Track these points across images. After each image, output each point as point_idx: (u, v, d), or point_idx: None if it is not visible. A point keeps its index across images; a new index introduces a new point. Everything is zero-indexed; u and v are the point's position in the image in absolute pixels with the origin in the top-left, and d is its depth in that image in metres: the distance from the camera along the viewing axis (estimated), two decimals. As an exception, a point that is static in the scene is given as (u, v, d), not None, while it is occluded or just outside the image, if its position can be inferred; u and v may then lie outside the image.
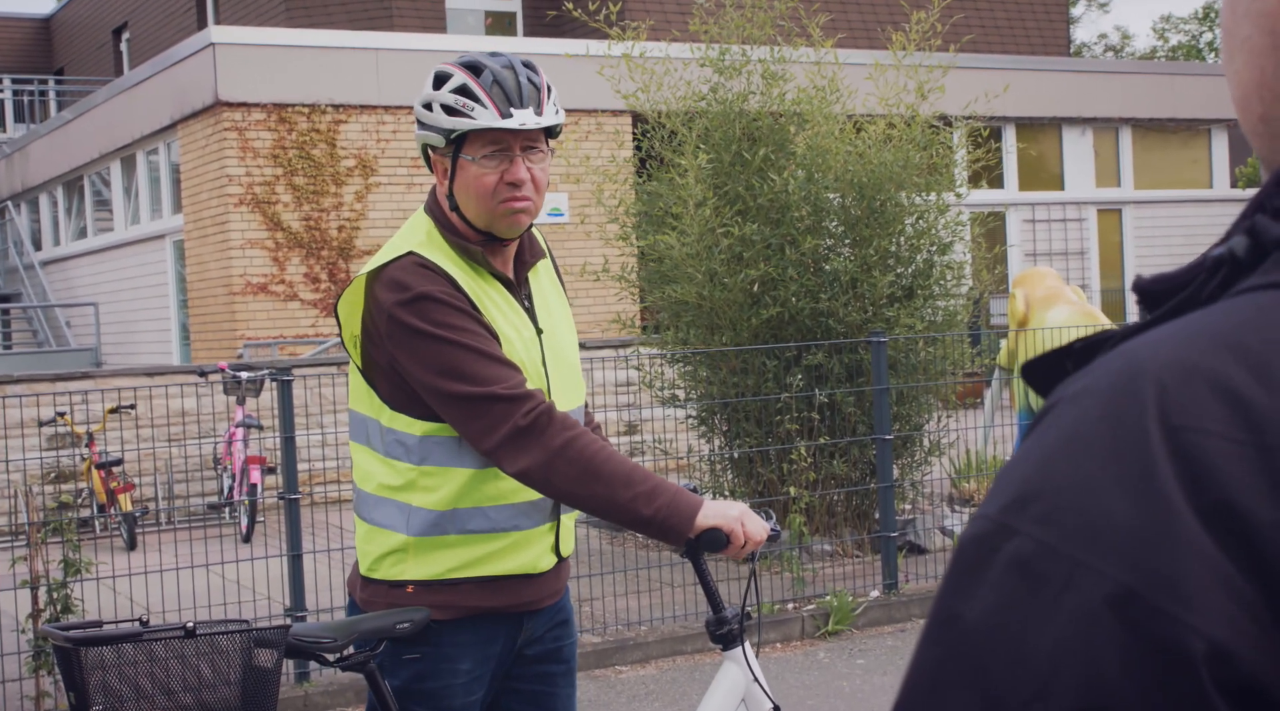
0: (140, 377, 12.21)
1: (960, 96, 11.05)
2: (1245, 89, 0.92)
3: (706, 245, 9.23)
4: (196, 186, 16.04)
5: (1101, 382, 0.81)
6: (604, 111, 15.69)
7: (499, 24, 21.94)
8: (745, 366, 9.32)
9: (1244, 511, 0.74)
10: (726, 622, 3.64)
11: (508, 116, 3.04)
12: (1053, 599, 0.75)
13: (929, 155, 9.75)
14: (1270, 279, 0.83)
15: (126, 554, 10.44)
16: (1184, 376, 0.78)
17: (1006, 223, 19.77)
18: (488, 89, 3.06)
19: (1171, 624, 0.73)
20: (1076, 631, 0.74)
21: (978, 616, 0.78)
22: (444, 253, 3.11)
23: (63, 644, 3.13)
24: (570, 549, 3.32)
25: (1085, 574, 0.75)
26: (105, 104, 18.84)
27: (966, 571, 0.80)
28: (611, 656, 7.71)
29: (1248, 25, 0.90)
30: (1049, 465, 0.79)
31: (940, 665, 0.79)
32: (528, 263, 3.25)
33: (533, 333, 3.19)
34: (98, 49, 30.25)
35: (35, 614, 6.84)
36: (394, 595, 3.18)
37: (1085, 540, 0.75)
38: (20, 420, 11.17)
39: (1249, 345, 0.78)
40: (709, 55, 9.87)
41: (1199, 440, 0.76)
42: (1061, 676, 0.74)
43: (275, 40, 15.83)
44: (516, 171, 3.06)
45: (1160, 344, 0.81)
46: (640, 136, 10.16)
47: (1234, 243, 0.86)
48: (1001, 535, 0.78)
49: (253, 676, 3.22)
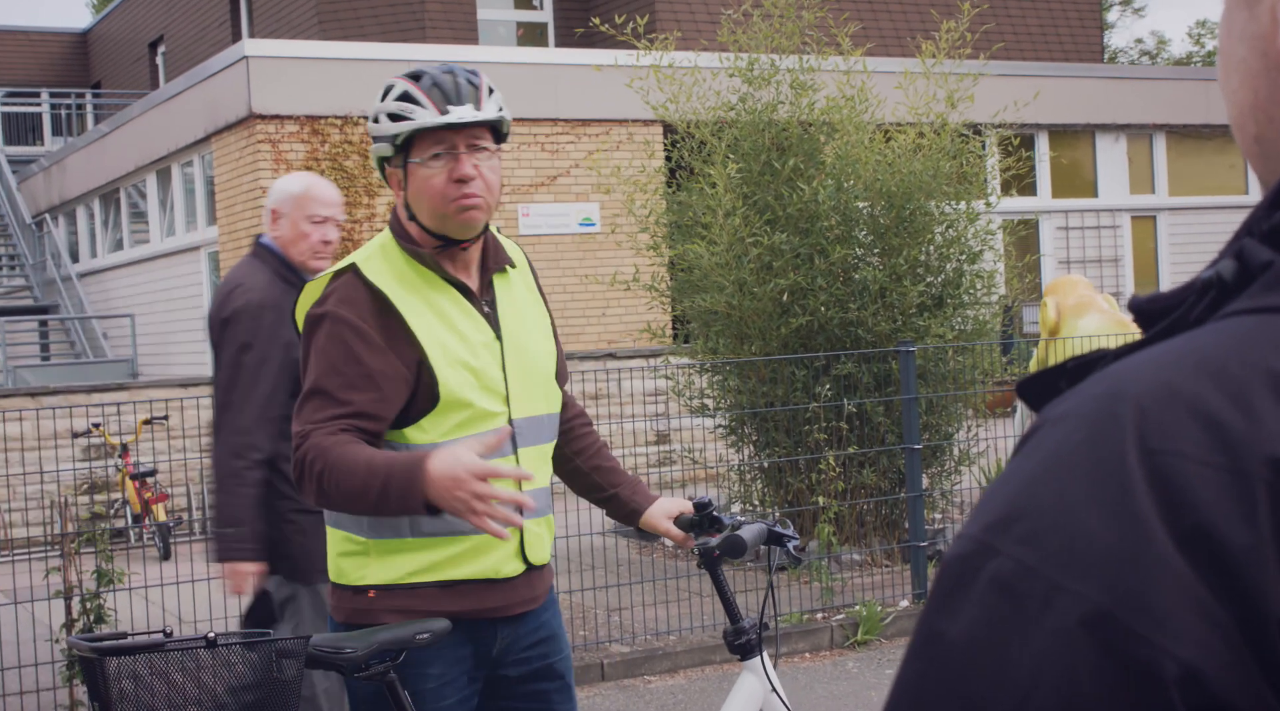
0: (174, 389, 12.29)
1: (991, 104, 11.03)
2: (1240, 110, 0.93)
3: (736, 255, 9.25)
4: (231, 198, 16.14)
5: (1085, 405, 0.82)
6: (635, 121, 15.73)
7: (531, 35, 22.01)
8: (774, 376, 9.32)
9: (1218, 535, 0.75)
10: (744, 633, 3.65)
11: (445, 113, 3.10)
12: (1032, 619, 0.76)
13: (959, 164, 9.73)
14: (1255, 303, 0.84)
15: (156, 564, 10.51)
16: (1164, 401, 0.79)
17: (1039, 230, 19.69)
18: (426, 91, 3.12)
19: (1145, 645, 0.74)
20: (1054, 651, 0.75)
21: (959, 634, 0.79)
22: (394, 263, 3.18)
23: (87, 654, 3.17)
24: (543, 557, 3.28)
25: (1063, 595, 0.76)
26: (141, 117, 18.98)
27: (950, 590, 0.81)
28: (640, 666, 7.71)
29: (1242, 48, 0.91)
30: (1031, 487, 0.81)
31: (923, 681, 0.81)
32: (491, 269, 3.27)
33: (490, 338, 3.20)
34: (134, 62, 30.47)
35: (69, 624, 6.90)
36: (357, 600, 3.21)
37: (1064, 561, 0.77)
38: (52, 431, 11.25)
39: (1229, 370, 0.79)
40: (738, 65, 9.88)
41: (1176, 464, 0.77)
42: (1038, 695, 0.75)
43: (308, 53, 15.92)
44: (462, 168, 3.12)
45: (1142, 367, 0.82)
46: (670, 147, 10.18)
47: (1222, 266, 0.87)
48: (984, 555, 0.80)
49: (274, 687, 3.24)
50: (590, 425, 3.62)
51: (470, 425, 3.12)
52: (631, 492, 3.56)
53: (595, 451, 3.58)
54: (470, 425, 3.12)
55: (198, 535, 11.77)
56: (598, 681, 7.57)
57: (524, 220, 16.15)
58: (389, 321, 3.11)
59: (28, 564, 9.07)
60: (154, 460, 11.03)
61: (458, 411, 3.12)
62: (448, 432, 3.11)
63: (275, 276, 4.72)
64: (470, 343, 3.17)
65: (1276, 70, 0.89)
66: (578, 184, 15.98)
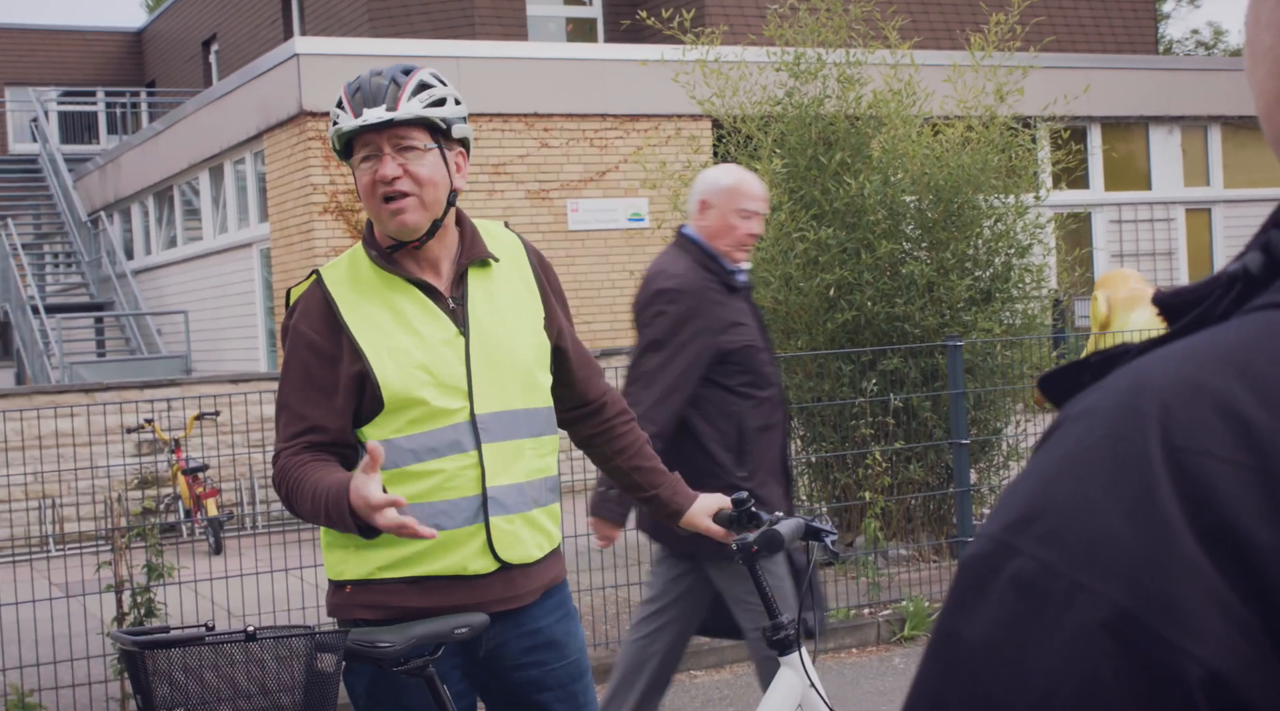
0: (225, 384, 12.40)
1: (1042, 97, 10.95)
2: (1269, 100, 0.91)
3: (782, 249, 9.23)
4: (282, 195, 16.26)
5: (1107, 401, 0.81)
6: (683, 116, 15.71)
7: (580, 30, 22.04)
8: (820, 371, 9.30)
9: (1244, 534, 0.73)
10: (782, 628, 3.66)
11: (359, 116, 3.16)
12: (1052, 619, 0.75)
13: (1007, 157, 9.67)
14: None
15: (214, 558, 10.60)
16: (1188, 397, 0.77)
17: (1092, 223, 19.55)
18: (350, 96, 3.20)
19: (1167, 648, 0.72)
20: (1074, 652, 0.74)
21: (978, 634, 0.78)
22: (358, 269, 3.28)
23: (128, 647, 3.21)
24: (520, 556, 3.26)
25: (1084, 595, 0.75)
26: (194, 115, 19.13)
27: (969, 589, 0.80)
28: (686, 661, 7.70)
29: (1270, 36, 0.90)
30: (1052, 484, 0.79)
31: (942, 682, 0.79)
32: (463, 263, 3.30)
33: (452, 335, 3.23)
34: (187, 61, 30.72)
35: (120, 617, 6.98)
36: (338, 595, 3.31)
37: (1085, 561, 0.75)
38: (104, 427, 11.37)
39: (1256, 366, 0.77)
40: (784, 60, 9.86)
41: (1201, 462, 0.75)
42: (1058, 697, 0.74)
43: (358, 50, 16.01)
44: (382, 168, 3.17)
45: (1167, 362, 0.80)
46: (718, 141, 10.17)
47: (1248, 259, 0.85)
48: (1004, 554, 0.79)
49: (315, 680, 3.27)
50: (632, 423, 3.61)
51: (425, 422, 3.18)
52: (672, 493, 3.56)
53: (636, 450, 3.57)
54: (425, 422, 3.18)
55: (250, 530, 11.86)
56: (643, 676, 7.57)
57: (573, 215, 16.18)
58: (337, 331, 3.21)
59: (78, 558, 9.17)
60: (203, 455, 11.13)
61: (409, 409, 3.17)
62: (401, 429, 3.18)
63: (696, 264, 4.90)
64: (427, 341, 3.21)
65: None
66: (626, 179, 15.99)
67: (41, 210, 24.90)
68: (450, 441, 3.17)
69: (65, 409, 10.57)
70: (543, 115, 16.07)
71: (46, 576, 8.98)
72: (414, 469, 3.17)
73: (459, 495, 3.17)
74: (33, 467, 10.90)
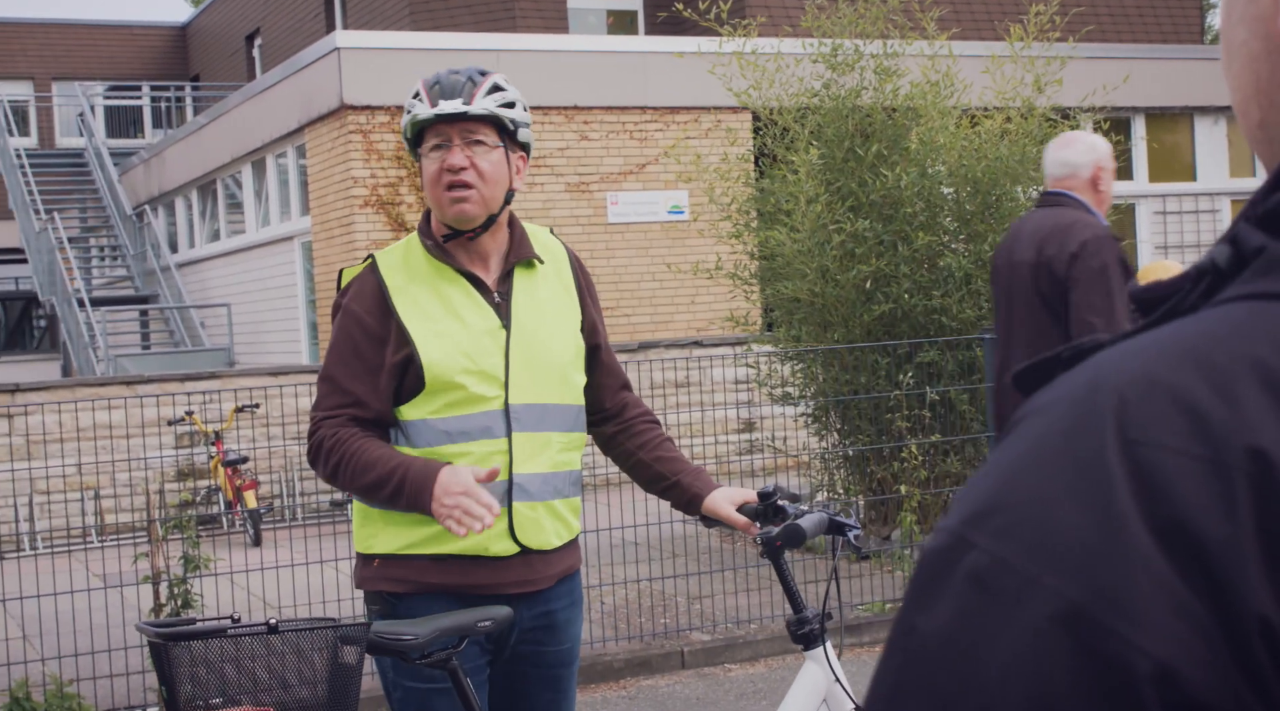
0: (265, 377, 12.47)
1: (1083, 88, 10.87)
2: (1244, 94, 0.90)
3: (818, 242, 9.20)
4: (323, 188, 16.32)
5: (1066, 396, 0.80)
6: (724, 109, 15.68)
7: (620, 23, 22.02)
8: (857, 363, 9.27)
9: (1197, 529, 0.72)
10: (807, 622, 3.64)
11: (436, 106, 3.34)
12: (1006, 614, 0.75)
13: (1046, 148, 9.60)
14: (1247, 290, 0.81)
15: (252, 550, 10.67)
16: (1145, 390, 0.77)
17: (1136, 215, 19.41)
18: (428, 88, 3.38)
19: (1118, 642, 0.72)
20: (1027, 647, 0.73)
21: (934, 629, 0.77)
22: (412, 257, 3.44)
23: (153, 639, 3.23)
24: (539, 542, 3.41)
25: (1037, 590, 0.74)
26: (237, 109, 19.23)
27: (926, 583, 0.79)
28: (721, 654, 7.71)
29: (1243, 30, 0.89)
30: (1010, 479, 0.79)
31: (898, 676, 0.79)
32: (511, 261, 3.46)
33: (495, 326, 3.39)
34: (231, 55, 30.88)
35: (156, 608, 7.03)
36: (366, 568, 3.45)
37: (1040, 555, 0.75)
38: (142, 420, 11.46)
39: (1214, 359, 0.77)
40: (821, 51, 9.82)
41: (1156, 456, 0.74)
42: (1010, 692, 0.73)
43: (398, 43, 16.05)
44: (452, 157, 3.35)
45: (1126, 356, 0.80)
46: (755, 133, 10.15)
47: (1216, 251, 0.84)
48: (961, 548, 0.78)
49: (338, 673, 3.28)
50: (654, 423, 3.71)
51: (460, 406, 3.34)
52: (693, 481, 3.58)
53: (657, 444, 3.65)
54: (460, 406, 3.34)
55: (289, 521, 11.93)
56: (678, 669, 7.59)
57: (612, 208, 16.18)
58: (387, 313, 3.37)
59: (116, 550, 9.25)
60: (240, 448, 11.20)
61: (447, 392, 3.33)
62: (437, 410, 3.34)
63: (1087, 213, 5.72)
64: (471, 329, 3.37)
65: (1278, 53, 0.87)
66: (666, 171, 15.98)
67: (88, 204, 25.09)
68: (483, 426, 3.33)
69: (108, 401, 10.66)
70: (583, 108, 16.07)
71: (87, 568, 9.05)
72: (445, 449, 3.32)
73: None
74: (76, 459, 11.00)
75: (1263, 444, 0.73)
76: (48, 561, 9.17)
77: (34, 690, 6.79)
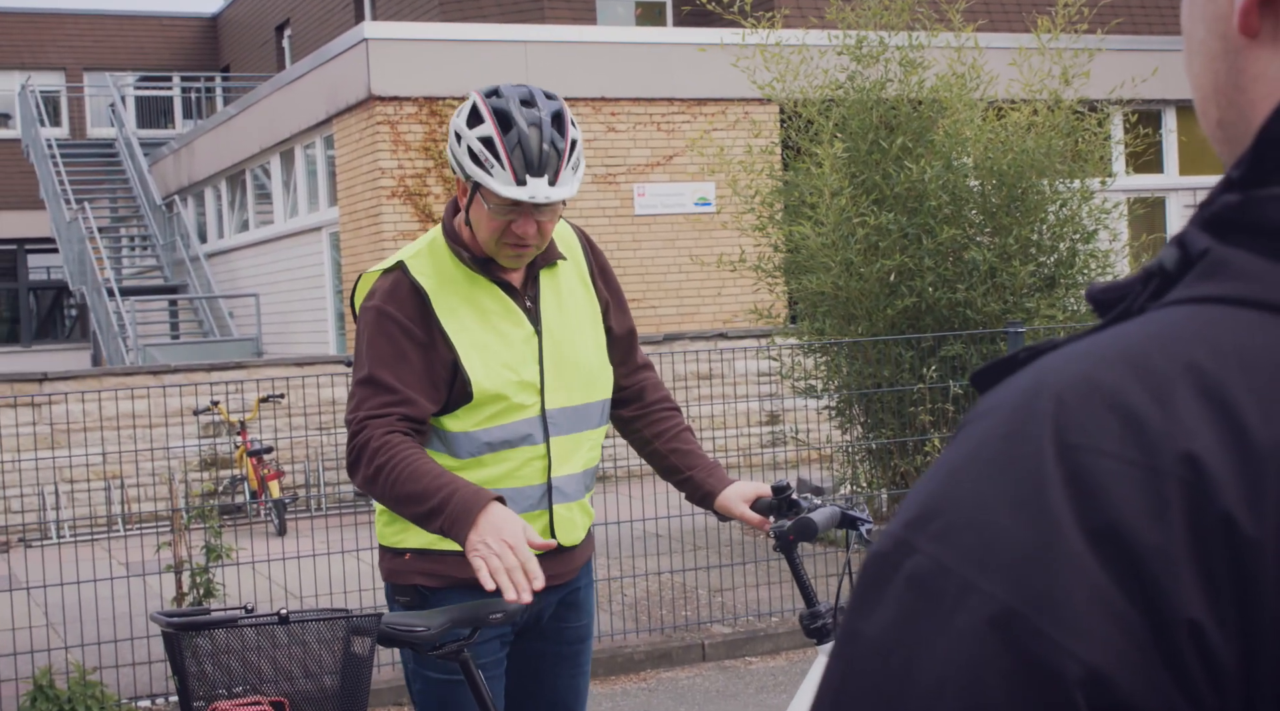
0: (290, 367, 12.51)
1: (1112, 80, 10.81)
2: (1203, 93, 0.90)
3: (842, 235, 9.17)
4: (351, 179, 16.36)
5: (1009, 399, 0.80)
6: (750, 101, 15.65)
7: (649, 14, 22.00)
8: (881, 357, 9.24)
9: (1129, 534, 0.73)
10: (820, 616, 3.64)
11: (522, 183, 3.15)
12: (944, 618, 0.75)
13: (1073, 142, 9.56)
14: (1189, 292, 0.81)
15: (275, 539, 10.71)
16: (1083, 394, 0.77)
17: (1166, 208, 19.30)
18: (509, 151, 3.16)
19: (1049, 645, 0.72)
20: (962, 651, 0.74)
21: (875, 633, 0.78)
22: (440, 262, 3.33)
23: (165, 629, 3.24)
24: (573, 539, 3.44)
25: (973, 594, 0.75)
26: (265, 99, 19.28)
27: (869, 587, 0.80)
28: (742, 647, 7.71)
29: (1202, 29, 0.89)
30: (950, 482, 0.79)
31: (842, 680, 0.80)
32: (539, 265, 3.41)
33: (529, 333, 3.35)
34: (261, 46, 30.96)
35: (179, 597, 7.07)
36: (395, 561, 3.40)
37: (976, 559, 0.75)
38: (172, 409, 11.50)
39: (1153, 363, 0.77)
40: (846, 43, 9.79)
41: (1092, 460, 0.75)
42: (945, 694, 0.74)
43: (426, 34, 16.06)
44: (524, 227, 3.22)
45: (1068, 359, 0.80)
46: (780, 125, 10.12)
47: (1164, 254, 0.85)
48: (903, 551, 0.79)
49: (351, 663, 3.29)
50: (673, 410, 3.67)
51: (502, 416, 3.30)
52: (707, 475, 3.57)
53: (674, 435, 3.62)
54: (502, 416, 3.30)
55: (314, 511, 11.97)
56: (698, 662, 7.59)
57: (639, 200, 16.17)
58: (429, 320, 3.27)
59: (140, 538, 9.29)
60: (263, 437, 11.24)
61: (491, 404, 3.29)
62: (480, 423, 3.30)
63: None
64: (509, 339, 3.33)
65: (1235, 53, 0.86)
66: (693, 163, 15.95)
67: (118, 194, 25.20)
68: (523, 434, 3.32)
69: (133, 390, 10.70)
70: (610, 99, 16.06)
71: (111, 555, 9.10)
72: (488, 458, 3.31)
73: (526, 483, 3.33)
74: (101, 448, 11.06)
75: (1195, 449, 0.74)
76: (72, 549, 9.22)
77: (57, 677, 6.82)
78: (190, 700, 3.20)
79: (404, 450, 3.12)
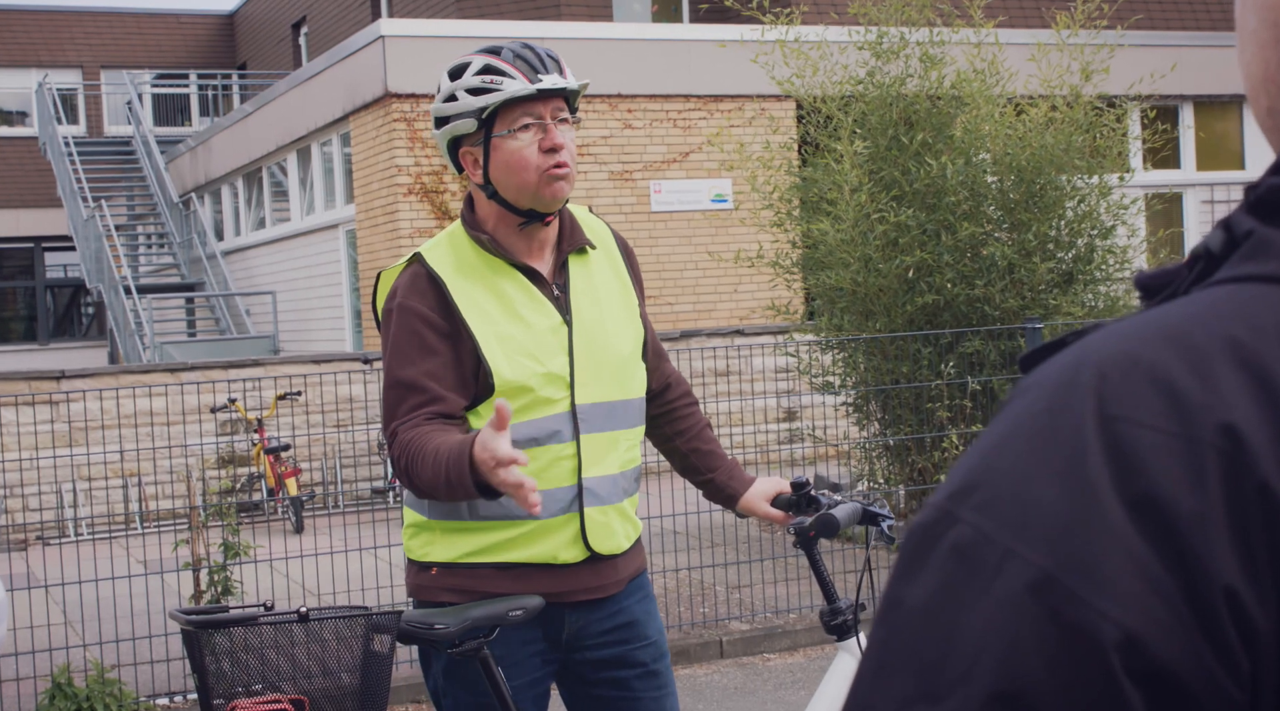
0: (308, 365, 12.51)
1: (1131, 76, 10.77)
2: (1254, 81, 0.92)
3: (861, 231, 9.15)
4: (367, 177, 16.36)
5: (1052, 375, 0.83)
6: (767, 97, 15.63)
7: (665, 10, 21.97)
8: (899, 353, 9.22)
9: (1168, 503, 0.75)
10: (840, 613, 3.62)
11: (537, 81, 3.11)
12: (984, 585, 0.78)
13: (1092, 137, 9.52)
14: (1234, 272, 0.84)
15: (291, 537, 10.71)
16: (1125, 368, 0.80)
17: (1184, 204, 19.23)
18: (511, 62, 3.14)
19: (1085, 609, 0.75)
20: (1001, 616, 0.77)
21: (918, 601, 0.81)
22: (460, 252, 3.22)
23: (185, 626, 3.24)
24: (610, 547, 3.24)
25: (1014, 561, 0.77)
26: (282, 97, 19.30)
27: (912, 557, 0.83)
28: (760, 644, 7.69)
29: (1253, 18, 0.90)
30: (992, 454, 0.82)
31: (885, 647, 0.82)
32: (566, 250, 3.27)
33: (557, 323, 3.20)
34: (278, 43, 31.00)
35: (197, 595, 7.07)
36: (421, 576, 3.27)
37: (1016, 527, 0.78)
38: (189, 406, 11.51)
39: (1193, 338, 0.80)
40: (866, 39, 9.76)
41: (1131, 431, 0.78)
42: (984, 659, 0.77)
43: (443, 32, 16.06)
44: (554, 137, 3.13)
45: (1110, 336, 0.83)
46: (798, 122, 10.10)
47: (1210, 237, 0.87)
48: (945, 522, 0.81)
49: (371, 661, 3.28)
50: (694, 406, 3.59)
51: (528, 411, 3.14)
52: (728, 477, 3.53)
53: (695, 433, 3.55)
54: (528, 411, 3.14)
55: (332, 509, 11.97)
56: (716, 658, 7.57)
57: (656, 197, 16.15)
58: (451, 312, 3.15)
59: (158, 536, 9.30)
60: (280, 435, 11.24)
61: (516, 398, 3.11)
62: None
63: None
64: (534, 329, 3.17)
65: None
66: (710, 160, 15.93)
67: (135, 192, 25.25)
68: (551, 431, 3.16)
69: (149, 388, 10.72)
70: (626, 96, 16.05)
71: (129, 553, 9.11)
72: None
73: (555, 485, 3.15)
74: (119, 445, 11.07)
75: (1234, 420, 0.77)
76: (90, 547, 9.24)
77: (75, 675, 6.83)
78: (209, 698, 3.19)
79: (417, 442, 3.00)
